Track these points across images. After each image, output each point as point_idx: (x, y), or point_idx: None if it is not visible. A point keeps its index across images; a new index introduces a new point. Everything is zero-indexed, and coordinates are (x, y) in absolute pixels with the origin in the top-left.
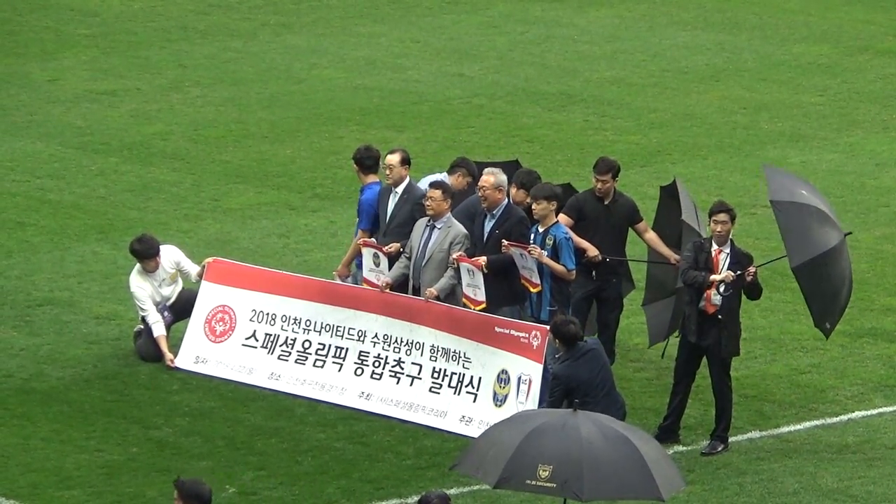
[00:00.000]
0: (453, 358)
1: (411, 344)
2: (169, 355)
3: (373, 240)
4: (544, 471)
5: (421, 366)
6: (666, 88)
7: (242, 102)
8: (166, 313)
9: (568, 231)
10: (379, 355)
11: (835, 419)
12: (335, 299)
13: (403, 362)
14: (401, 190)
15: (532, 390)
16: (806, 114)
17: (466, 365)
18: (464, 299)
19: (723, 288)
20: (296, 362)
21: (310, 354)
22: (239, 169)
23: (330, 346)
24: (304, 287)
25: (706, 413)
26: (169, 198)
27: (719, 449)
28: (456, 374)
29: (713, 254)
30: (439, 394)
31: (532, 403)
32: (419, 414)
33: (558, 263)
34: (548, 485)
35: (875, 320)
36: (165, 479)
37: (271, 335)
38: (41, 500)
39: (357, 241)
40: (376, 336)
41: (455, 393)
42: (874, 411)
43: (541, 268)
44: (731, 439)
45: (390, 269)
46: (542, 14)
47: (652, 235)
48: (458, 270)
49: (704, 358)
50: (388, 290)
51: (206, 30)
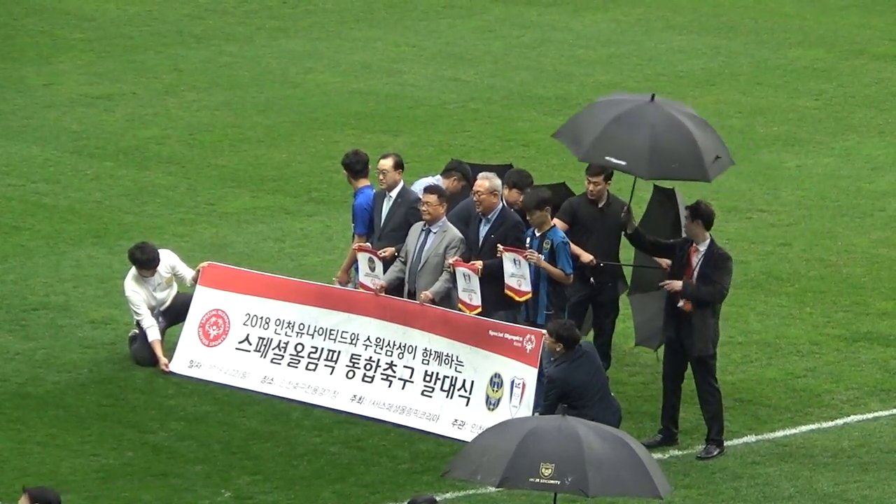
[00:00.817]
0: (446, 361)
1: (403, 347)
2: (164, 360)
3: (368, 244)
4: (547, 469)
5: (413, 369)
6: (661, 92)
7: (238, 107)
8: (160, 318)
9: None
10: (370, 358)
11: (830, 423)
12: (329, 302)
13: (395, 365)
14: (395, 194)
15: (526, 394)
16: (801, 118)
17: (459, 368)
18: (459, 304)
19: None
20: (288, 365)
21: (302, 358)
22: (234, 173)
23: (322, 349)
24: (298, 291)
25: (701, 417)
26: (164, 202)
27: (715, 453)
28: (448, 377)
29: (689, 252)
30: (431, 397)
31: (526, 407)
32: (411, 418)
33: (556, 267)
34: (552, 482)
35: (871, 324)
36: (161, 483)
37: (264, 339)
38: None
39: (353, 246)
40: (368, 339)
41: (447, 396)
42: (870, 415)
43: (537, 272)
44: (726, 443)
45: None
46: (537, 18)
47: None
48: (454, 275)
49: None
50: (382, 294)
51: (201, 34)
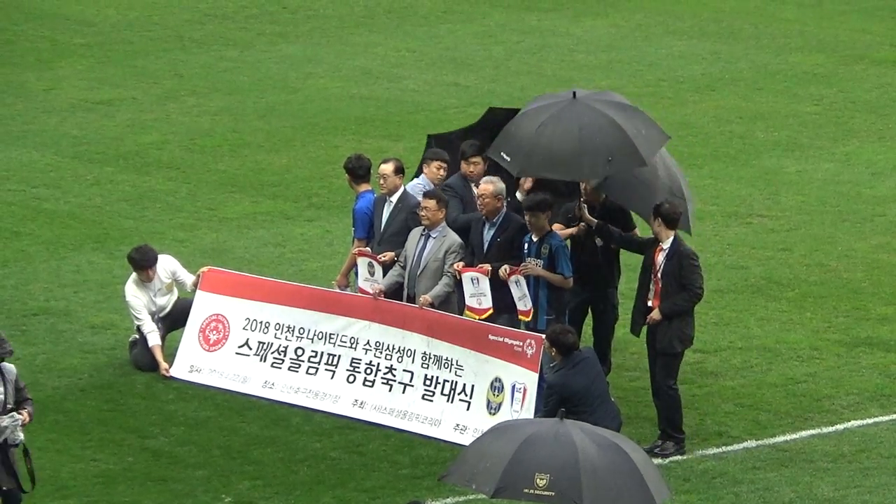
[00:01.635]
0: (445, 365)
1: (403, 351)
2: (164, 365)
3: (367, 249)
4: (541, 479)
5: (412, 373)
6: (662, 98)
7: (238, 112)
8: (159, 325)
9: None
10: (370, 362)
11: (831, 428)
12: (328, 307)
13: (395, 369)
14: (395, 199)
15: (527, 399)
16: (802, 123)
17: (459, 372)
18: (467, 311)
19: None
20: (289, 370)
21: (302, 362)
22: (235, 178)
23: (322, 353)
24: (298, 295)
25: (701, 422)
26: (165, 207)
27: (671, 450)
28: (448, 381)
29: (654, 252)
30: (432, 401)
31: (528, 412)
32: (413, 422)
33: (555, 272)
34: (546, 493)
35: (871, 330)
36: (161, 488)
37: (264, 343)
38: None
39: (353, 250)
40: (368, 343)
41: (448, 401)
42: (870, 420)
43: (536, 277)
44: (726, 448)
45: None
46: (537, 23)
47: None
48: (461, 282)
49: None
50: (381, 298)
51: (202, 39)
